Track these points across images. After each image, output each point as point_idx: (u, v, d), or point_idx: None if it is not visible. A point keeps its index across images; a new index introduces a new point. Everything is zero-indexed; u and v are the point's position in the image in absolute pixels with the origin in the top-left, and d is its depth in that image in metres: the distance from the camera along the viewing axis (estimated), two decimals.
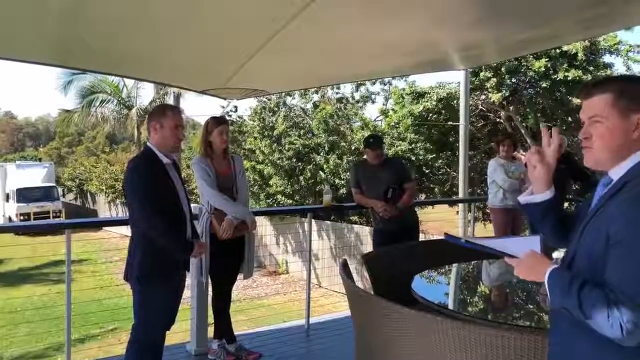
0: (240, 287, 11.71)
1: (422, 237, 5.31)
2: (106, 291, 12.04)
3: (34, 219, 22.68)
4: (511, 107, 12.41)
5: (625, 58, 11.61)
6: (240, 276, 3.91)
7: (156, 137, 2.93)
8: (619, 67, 11.92)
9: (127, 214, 3.00)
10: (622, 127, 1.35)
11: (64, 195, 29.23)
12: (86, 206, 28.83)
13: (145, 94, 33.98)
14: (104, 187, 24.82)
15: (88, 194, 28.57)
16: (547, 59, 10.84)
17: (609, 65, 11.85)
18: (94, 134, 39.78)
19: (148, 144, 2.98)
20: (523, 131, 12.55)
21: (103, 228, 19.68)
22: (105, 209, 25.80)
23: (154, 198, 2.80)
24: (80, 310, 8.40)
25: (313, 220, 4.97)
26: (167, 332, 3.05)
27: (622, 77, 1.63)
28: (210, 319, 3.98)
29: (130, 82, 21.57)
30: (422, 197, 14.06)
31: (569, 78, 10.72)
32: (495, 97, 11.74)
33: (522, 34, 3.93)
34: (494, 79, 11.59)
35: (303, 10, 2.67)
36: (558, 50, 10.74)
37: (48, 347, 9.57)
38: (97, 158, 30.10)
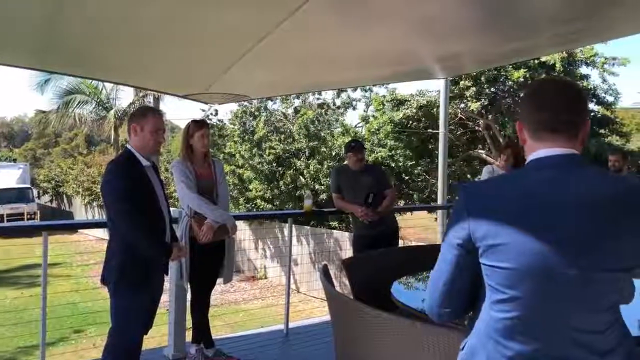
0: (218, 292, 11.61)
1: (401, 243, 5.34)
2: (81, 294, 11.84)
3: (7, 220, 22.24)
4: (490, 116, 12.58)
5: (601, 70, 11.90)
6: (219, 281, 3.89)
7: (136, 139, 2.89)
8: (595, 78, 12.18)
9: (104, 216, 2.96)
10: None
11: (39, 197, 28.74)
12: (62, 208, 28.37)
13: (124, 96, 33.74)
14: (80, 190, 24.47)
15: (64, 196, 28.13)
16: (525, 69, 11.02)
17: (585, 77, 12.12)
18: (71, 135, 39.16)
19: (127, 146, 2.94)
20: (501, 140, 12.71)
21: (78, 231, 19.38)
22: (81, 212, 25.42)
23: (133, 201, 2.76)
24: (54, 314, 8.26)
25: (292, 225, 4.97)
26: (145, 336, 3.02)
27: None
28: (188, 323, 3.95)
29: (109, 84, 21.35)
30: (401, 203, 14.14)
31: None
32: (474, 105, 11.89)
33: (501, 47, 4.01)
34: (474, 88, 11.74)
35: (285, 21, 2.69)
36: (537, 61, 10.95)
37: (18, 351, 9.37)
38: (74, 160, 29.64)
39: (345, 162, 4.69)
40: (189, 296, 3.87)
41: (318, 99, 15.53)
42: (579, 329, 1.27)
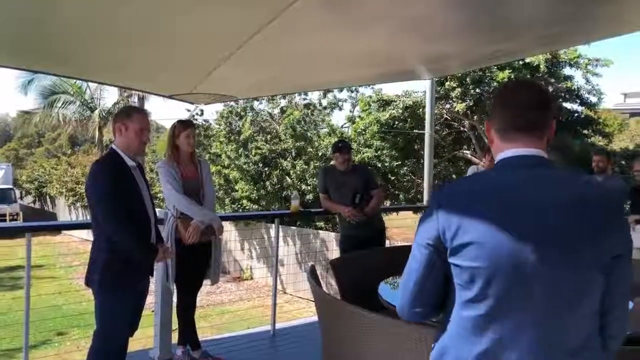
0: (203, 293, 11.57)
1: (387, 244, 5.35)
2: (65, 296, 11.72)
3: None
4: (475, 117, 12.67)
5: (585, 71, 12.06)
6: (205, 282, 3.88)
7: (120, 139, 2.87)
8: (578, 79, 12.34)
9: (89, 217, 2.93)
10: None
11: (21, 198, 28.38)
12: (45, 209, 28.04)
13: (108, 96, 33.45)
14: (64, 190, 24.19)
15: (47, 197, 27.80)
16: (510, 70, 11.13)
17: (569, 78, 12.27)
18: (54, 135, 38.73)
19: (113, 145, 2.91)
20: (486, 140, 12.82)
21: (62, 232, 19.17)
22: (65, 213, 25.14)
23: (118, 201, 2.74)
24: (37, 316, 8.16)
25: (279, 226, 4.96)
26: (130, 338, 2.99)
27: None
28: (174, 324, 3.93)
29: (93, 84, 21.16)
30: (388, 203, 14.19)
31: None
32: (459, 106, 11.97)
33: (486, 49, 4.04)
34: (459, 89, 11.83)
35: (272, 22, 2.68)
36: (521, 62, 11.05)
37: (0, 354, 9.23)
38: (58, 160, 29.29)
39: (332, 163, 4.69)
40: (174, 297, 3.84)
41: (304, 99, 15.53)
42: (550, 328, 1.28)
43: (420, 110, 12.46)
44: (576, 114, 13.08)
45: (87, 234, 16.37)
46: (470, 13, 2.99)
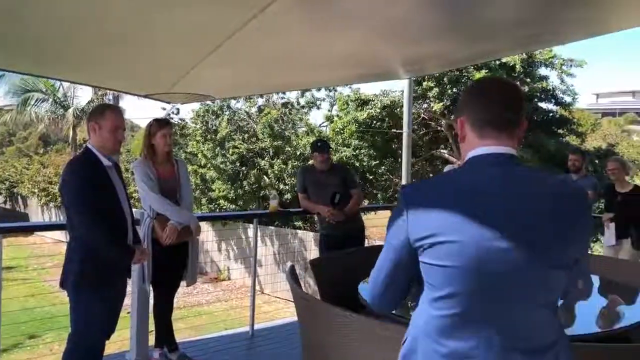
0: (180, 294, 11.38)
1: (366, 243, 5.36)
2: (38, 299, 11.47)
3: None
4: (452, 116, 12.78)
5: (560, 71, 12.26)
6: (183, 283, 3.82)
7: (95, 138, 2.82)
8: (553, 79, 12.56)
9: (62, 217, 2.87)
10: None
11: None
12: (16, 209, 27.43)
13: (82, 94, 32.81)
14: (36, 190, 23.68)
15: (19, 197, 27.20)
16: (487, 70, 11.26)
17: (544, 78, 12.46)
18: (26, 134, 37.93)
19: (88, 144, 2.86)
20: None
21: (35, 233, 18.78)
22: (37, 213, 24.63)
23: (94, 201, 2.69)
24: (8, 319, 7.96)
25: (257, 225, 4.92)
26: (107, 341, 2.93)
27: None
28: (151, 326, 3.87)
29: (67, 82, 20.79)
30: (366, 202, 14.22)
31: None
32: (437, 106, 12.06)
33: (463, 50, 4.07)
34: (436, 89, 11.92)
35: (250, 21, 2.65)
36: (497, 62, 11.19)
37: None
38: (30, 159, 28.67)
39: (311, 162, 4.67)
40: (151, 299, 3.78)
41: (282, 98, 15.47)
42: (518, 326, 1.29)
43: (398, 109, 12.52)
44: (551, 114, 13.28)
45: (61, 235, 16.08)
46: (448, 15, 3.01)
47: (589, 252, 8.51)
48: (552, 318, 1.34)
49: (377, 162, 13.74)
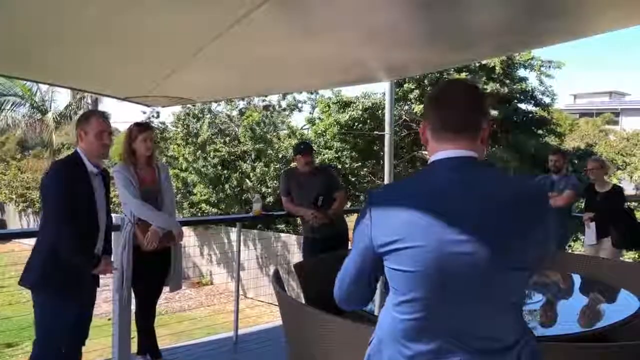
0: (161, 299, 11.27)
1: (349, 245, 5.36)
2: (15, 307, 11.24)
3: None
4: None
5: (538, 72, 12.42)
6: (165, 289, 3.77)
7: (82, 144, 2.88)
8: (532, 80, 12.73)
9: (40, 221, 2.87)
10: None
11: None
12: None
13: (60, 98, 32.38)
14: (14, 196, 23.25)
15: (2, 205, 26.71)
16: (467, 72, 11.37)
17: (523, 79, 12.62)
18: (2, 139, 37.25)
19: (77, 149, 2.90)
20: None
21: (12, 240, 18.44)
22: (15, 219, 24.19)
23: (67, 205, 2.69)
24: None
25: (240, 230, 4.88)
26: (85, 348, 2.89)
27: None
28: (133, 333, 3.81)
29: (44, 86, 20.47)
30: (348, 205, 14.25)
31: (487, 90, 11.31)
32: (418, 108, 12.13)
33: (445, 56, 4.10)
34: (417, 91, 12.00)
35: (233, 26, 2.63)
36: (478, 64, 11.31)
37: None
38: (7, 165, 28.15)
39: (294, 165, 4.65)
40: (133, 306, 3.72)
41: (263, 100, 15.42)
42: (482, 327, 1.30)
43: (380, 111, 12.56)
44: (531, 115, 13.45)
45: None
46: (430, 23, 3.03)
47: (570, 251, 8.61)
48: (514, 318, 1.35)
49: (359, 164, 13.78)
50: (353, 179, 14.23)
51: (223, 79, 4.40)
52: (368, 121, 13.29)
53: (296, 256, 11.19)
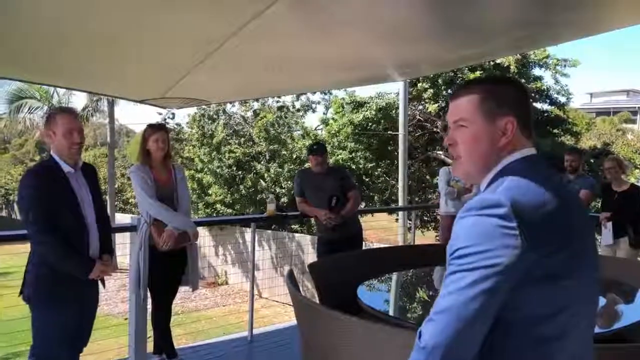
0: (177, 299, 11.36)
1: (364, 246, 5.34)
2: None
3: None
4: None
5: (553, 71, 12.29)
6: (181, 289, 3.81)
7: (53, 145, 2.73)
8: (547, 79, 12.61)
9: None
10: (487, 133, 1.21)
11: None
12: (12, 217, 27.31)
13: (77, 100, 32.77)
14: None
15: (14, 205, 27.08)
16: (481, 71, 11.28)
17: (538, 78, 12.50)
18: (21, 141, 37.78)
19: (51, 152, 2.75)
20: None
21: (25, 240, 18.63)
22: None
23: (44, 213, 2.59)
24: (6, 328, 7.91)
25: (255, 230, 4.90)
26: (101, 347, 2.90)
27: (490, 78, 1.62)
28: (149, 333, 3.84)
29: (61, 89, 20.70)
30: (362, 205, 14.23)
31: None
32: (432, 107, 12.08)
33: (457, 53, 4.08)
34: (431, 90, 11.94)
35: (246, 26, 2.64)
36: (492, 63, 11.22)
37: None
38: (25, 166, 28.58)
39: (307, 165, 4.66)
40: (149, 305, 3.76)
41: (277, 101, 15.46)
42: (584, 348, 1.20)
43: (394, 111, 12.53)
44: (546, 114, 13.32)
45: None
46: (443, 19, 3.01)
47: None
48: None
49: (374, 164, 13.75)
50: (367, 180, 14.21)
51: (236, 80, 4.43)
52: (382, 121, 13.26)
53: (310, 256, 11.21)
